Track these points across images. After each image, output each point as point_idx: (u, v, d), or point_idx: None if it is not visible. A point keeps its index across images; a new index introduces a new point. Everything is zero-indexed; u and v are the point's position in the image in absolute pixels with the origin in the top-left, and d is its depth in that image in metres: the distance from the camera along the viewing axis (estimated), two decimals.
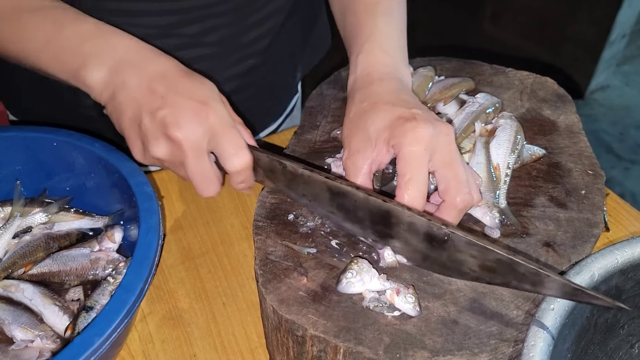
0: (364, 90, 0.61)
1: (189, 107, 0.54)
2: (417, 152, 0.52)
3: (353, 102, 0.60)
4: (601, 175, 0.61)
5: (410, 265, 0.53)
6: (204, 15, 0.72)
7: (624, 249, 0.50)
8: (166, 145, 0.54)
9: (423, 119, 0.54)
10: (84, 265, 0.61)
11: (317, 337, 0.47)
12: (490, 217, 0.56)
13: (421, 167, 0.52)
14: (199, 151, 0.54)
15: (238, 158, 0.55)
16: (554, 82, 0.73)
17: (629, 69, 2.60)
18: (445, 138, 0.53)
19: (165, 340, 0.61)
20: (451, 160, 0.53)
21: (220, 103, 0.56)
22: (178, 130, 0.53)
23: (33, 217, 0.64)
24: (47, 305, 0.57)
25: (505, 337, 0.47)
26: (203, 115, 0.54)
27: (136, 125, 0.55)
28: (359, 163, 0.56)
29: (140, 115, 0.54)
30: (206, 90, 0.56)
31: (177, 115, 0.53)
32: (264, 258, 0.53)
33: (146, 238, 0.54)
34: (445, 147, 0.53)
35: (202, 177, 0.56)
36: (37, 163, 0.66)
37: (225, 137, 0.54)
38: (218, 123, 0.54)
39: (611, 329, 0.53)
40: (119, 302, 0.49)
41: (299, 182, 0.55)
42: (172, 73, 0.56)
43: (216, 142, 0.55)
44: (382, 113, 0.56)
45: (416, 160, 0.52)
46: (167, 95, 0.54)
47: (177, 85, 0.55)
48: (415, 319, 0.48)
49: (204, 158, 0.55)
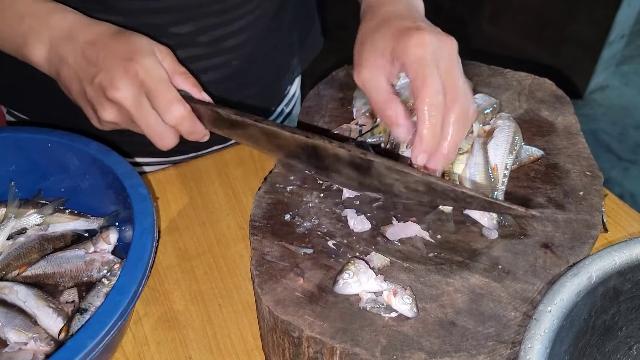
0: (374, 10, 0.62)
1: (118, 66, 0.56)
2: (423, 55, 0.53)
3: (363, 22, 0.62)
4: (599, 176, 0.61)
5: (406, 266, 0.52)
6: (197, 14, 0.72)
7: (621, 251, 0.50)
8: (112, 108, 0.57)
9: (427, 29, 0.55)
10: (79, 266, 0.60)
11: (313, 339, 0.47)
12: (488, 218, 0.56)
13: (431, 68, 0.53)
14: (140, 106, 0.56)
15: (170, 112, 0.57)
16: (552, 83, 0.73)
17: (628, 69, 2.60)
18: (449, 49, 0.55)
19: (161, 342, 0.60)
20: (452, 69, 0.54)
21: (148, 56, 0.57)
22: (115, 91, 0.55)
23: (27, 218, 0.64)
24: (41, 308, 0.56)
25: (503, 339, 0.47)
26: (132, 71, 0.56)
27: (83, 95, 0.58)
28: (373, 75, 0.56)
29: (82, 85, 0.57)
30: (134, 46, 0.57)
31: (110, 77, 0.55)
32: (260, 258, 0.53)
33: (140, 239, 0.54)
34: (447, 57, 0.55)
35: (151, 131, 0.58)
36: (31, 164, 0.65)
37: (156, 92, 0.56)
38: (147, 77, 0.56)
39: (609, 330, 0.52)
40: (112, 304, 0.48)
41: (237, 127, 0.58)
42: (102, 38, 0.58)
43: (150, 98, 0.57)
44: (389, 27, 0.57)
45: (424, 62, 0.53)
46: (99, 60, 0.56)
47: (107, 47, 0.57)
48: (412, 320, 0.48)
49: (148, 112, 0.57)
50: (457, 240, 0.55)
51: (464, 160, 0.61)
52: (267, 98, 0.92)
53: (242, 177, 0.76)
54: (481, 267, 0.52)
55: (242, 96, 0.83)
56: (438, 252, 0.54)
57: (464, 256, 0.53)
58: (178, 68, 0.60)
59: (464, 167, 0.60)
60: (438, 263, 0.53)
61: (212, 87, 0.80)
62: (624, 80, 2.56)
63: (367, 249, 0.54)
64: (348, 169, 0.54)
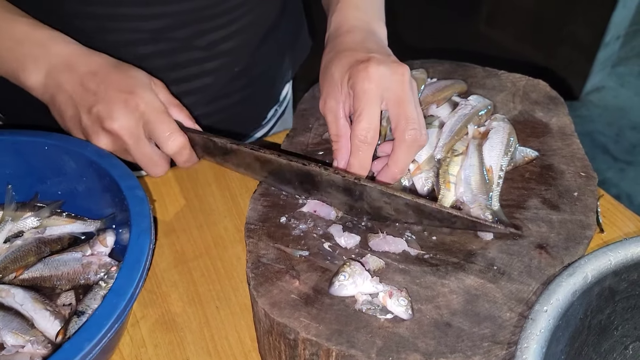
0: (333, 42, 0.65)
1: (119, 98, 0.58)
2: (368, 89, 0.56)
3: (325, 52, 0.65)
4: (594, 177, 0.61)
5: (402, 267, 0.53)
6: (193, 19, 0.72)
7: (617, 250, 0.50)
8: (106, 138, 0.59)
9: (377, 60, 0.58)
10: (76, 269, 0.60)
11: (309, 341, 0.47)
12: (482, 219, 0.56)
13: (372, 102, 0.56)
14: (137, 137, 0.59)
15: (171, 141, 0.60)
16: (546, 84, 0.73)
17: (623, 70, 2.61)
18: (399, 77, 0.57)
19: (158, 345, 0.60)
20: (402, 98, 0.57)
21: (148, 90, 0.60)
22: (113, 123, 0.58)
23: (24, 221, 0.64)
24: (38, 310, 0.56)
25: (498, 340, 0.47)
26: (132, 104, 0.58)
27: (77, 122, 0.60)
28: (333, 107, 0.60)
29: (78, 113, 0.59)
30: (134, 80, 0.60)
31: (109, 108, 0.57)
32: (255, 261, 0.53)
33: (137, 242, 0.54)
34: (397, 86, 0.57)
35: (147, 160, 0.61)
36: (28, 167, 0.65)
37: (156, 122, 0.59)
38: (147, 109, 0.58)
39: (605, 330, 0.53)
40: (109, 307, 0.48)
41: (232, 155, 0.61)
42: (102, 69, 0.60)
43: (149, 128, 0.59)
44: (344, 59, 0.60)
45: (367, 95, 0.56)
46: (99, 90, 0.58)
47: (107, 79, 0.59)
48: (407, 321, 0.48)
49: (144, 143, 0.60)
50: (452, 242, 0.55)
51: (459, 162, 0.61)
52: (263, 100, 0.92)
53: (240, 179, 0.76)
54: (476, 268, 0.52)
55: (238, 98, 0.84)
56: (434, 254, 0.54)
57: (460, 257, 0.54)
58: (173, 100, 0.63)
59: (459, 168, 0.61)
60: (433, 264, 0.53)
61: (210, 90, 0.80)
62: (620, 82, 2.57)
63: (363, 250, 0.54)
64: (341, 193, 0.56)
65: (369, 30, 0.65)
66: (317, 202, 0.58)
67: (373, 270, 0.52)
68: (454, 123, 0.64)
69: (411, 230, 0.56)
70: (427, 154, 0.62)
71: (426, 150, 0.62)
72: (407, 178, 0.61)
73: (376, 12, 0.69)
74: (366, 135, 0.56)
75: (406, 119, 0.56)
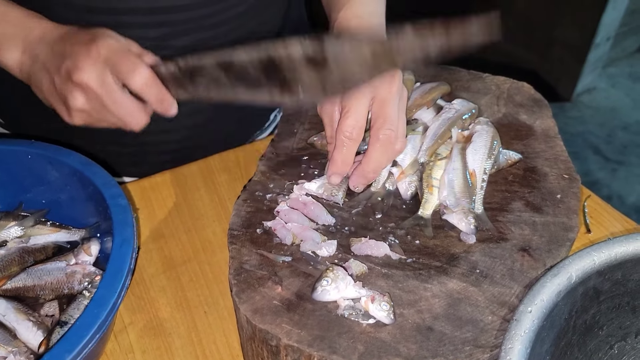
0: None
1: (81, 50, 0.57)
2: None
3: None
4: (577, 179, 0.61)
5: (385, 272, 0.53)
6: (195, 27, 0.73)
7: (601, 251, 0.50)
8: (80, 94, 0.58)
9: None
10: (60, 279, 0.60)
11: (290, 347, 0.47)
12: (465, 223, 0.56)
13: (359, 100, 0.57)
14: (108, 85, 0.57)
15: (137, 74, 0.58)
16: (530, 87, 0.73)
17: (614, 71, 2.62)
18: (389, 79, 0.58)
19: (146, 351, 0.60)
20: (385, 99, 0.58)
21: (109, 36, 0.59)
22: (80, 73, 0.56)
23: (8, 231, 0.63)
24: (20, 321, 0.56)
25: (480, 343, 0.47)
26: (94, 51, 0.57)
27: (53, 89, 0.59)
28: (329, 110, 0.60)
29: (52, 78, 0.59)
30: (96, 31, 0.60)
31: (74, 61, 0.57)
32: (238, 267, 0.53)
33: (120, 250, 0.54)
34: (385, 86, 0.58)
35: (124, 109, 0.59)
36: (11, 176, 0.65)
37: (119, 60, 0.58)
38: (110, 52, 0.58)
39: (590, 330, 0.53)
40: (90, 317, 0.48)
41: (197, 74, 0.58)
42: (70, 32, 0.60)
43: (114, 69, 0.58)
44: None
45: (355, 94, 0.57)
46: (65, 50, 0.58)
47: (72, 39, 0.59)
48: (390, 326, 0.48)
49: (115, 89, 0.58)
50: (435, 245, 0.55)
51: (443, 165, 0.61)
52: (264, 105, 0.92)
53: (228, 183, 0.76)
54: (459, 272, 0.52)
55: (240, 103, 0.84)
56: (417, 258, 0.54)
57: (442, 261, 0.54)
58: (143, 52, 0.61)
59: (442, 172, 0.61)
60: (416, 268, 0.53)
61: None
62: (611, 82, 2.58)
63: (346, 255, 0.54)
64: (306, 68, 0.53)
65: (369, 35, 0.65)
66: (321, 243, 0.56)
67: (356, 275, 0.52)
68: (437, 127, 0.64)
69: (395, 234, 0.56)
70: (411, 158, 0.62)
71: (410, 154, 0.62)
72: (391, 183, 0.62)
73: (377, 20, 0.69)
74: (352, 132, 0.57)
75: (384, 118, 0.57)
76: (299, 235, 0.56)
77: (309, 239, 0.55)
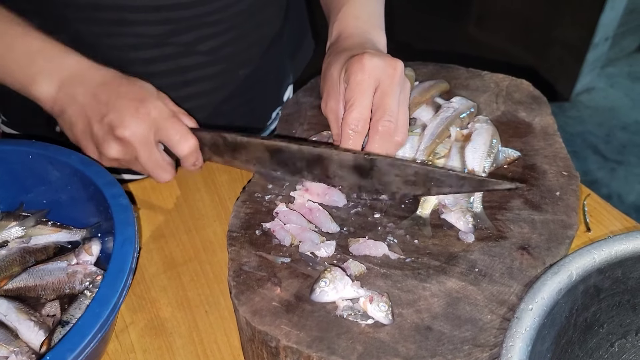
0: (332, 48, 0.67)
1: (130, 107, 0.59)
2: (361, 80, 0.57)
3: (325, 57, 0.67)
4: (576, 176, 0.61)
5: (383, 272, 0.53)
6: (197, 24, 0.74)
7: (601, 248, 0.50)
8: (117, 146, 0.60)
9: (371, 53, 0.59)
10: (61, 279, 0.60)
11: (290, 348, 0.47)
12: (463, 221, 0.56)
13: (363, 93, 0.57)
14: (148, 144, 0.61)
15: (184, 142, 0.62)
16: (529, 84, 0.73)
17: (613, 71, 2.62)
18: (391, 71, 0.58)
19: (147, 350, 0.60)
20: (386, 91, 0.58)
21: (157, 99, 0.62)
22: (124, 130, 0.59)
23: (9, 231, 0.63)
24: (22, 321, 0.56)
25: (479, 342, 0.47)
26: (144, 111, 0.59)
27: (88, 133, 0.61)
28: (334, 108, 0.61)
29: (90, 124, 0.60)
30: (144, 90, 0.61)
31: (121, 116, 0.59)
32: (237, 269, 0.53)
33: (121, 250, 0.54)
34: (387, 78, 0.58)
35: (156, 166, 0.63)
36: (12, 177, 0.65)
37: (168, 126, 0.61)
38: (159, 116, 0.60)
39: (591, 327, 0.53)
40: (92, 316, 0.48)
41: (241, 149, 0.62)
42: (113, 81, 0.62)
43: (161, 133, 0.61)
44: (342, 58, 0.62)
45: (360, 86, 0.57)
46: (110, 101, 0.60)
47: (118, 90, 0.61)
48: (388, 326, 0.48)
49: (154, 149, 0.62)
50: (434, 245, 0.55)
51: (441, 164, 0.61)
52: (266, 102, 0.93)
53: (228, 183, 0.76)
54: (458, 271, 0.53)
55: (242, 101, 0.85)
56: (415, 257, 0.54)
57: (441, 260, 0.54)
58: (179, 109, 0.65)
59: None
60: (415, 268, 0.53)
61: (213, 93, 0.82)
62: (610, 82, 2.58)
63: (345, 256, 0.54)
64: (350, 173, 0.58)
65: (368, 38, 0.67)
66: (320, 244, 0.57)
67: (355, 275, 0.52)
68: (435, 126, 0.64)
69: (393, 234, 0.57)
70: (410, 157, 0.62)
71: (408, 154, 0.62)
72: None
73: (376, 21, 0.70)
74: (357, 125, 0.57)
75: (384, 110, 0.57)
76: (297, 236, 0.56)
77: (308, 240, 0.55)
